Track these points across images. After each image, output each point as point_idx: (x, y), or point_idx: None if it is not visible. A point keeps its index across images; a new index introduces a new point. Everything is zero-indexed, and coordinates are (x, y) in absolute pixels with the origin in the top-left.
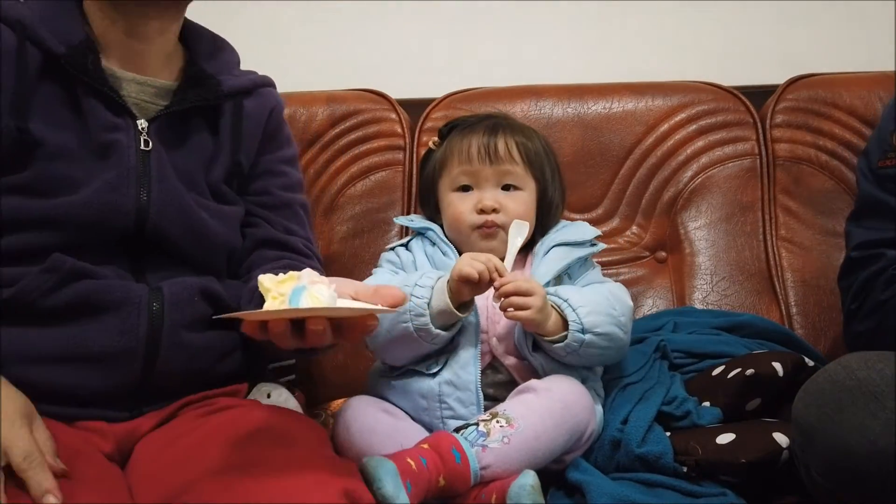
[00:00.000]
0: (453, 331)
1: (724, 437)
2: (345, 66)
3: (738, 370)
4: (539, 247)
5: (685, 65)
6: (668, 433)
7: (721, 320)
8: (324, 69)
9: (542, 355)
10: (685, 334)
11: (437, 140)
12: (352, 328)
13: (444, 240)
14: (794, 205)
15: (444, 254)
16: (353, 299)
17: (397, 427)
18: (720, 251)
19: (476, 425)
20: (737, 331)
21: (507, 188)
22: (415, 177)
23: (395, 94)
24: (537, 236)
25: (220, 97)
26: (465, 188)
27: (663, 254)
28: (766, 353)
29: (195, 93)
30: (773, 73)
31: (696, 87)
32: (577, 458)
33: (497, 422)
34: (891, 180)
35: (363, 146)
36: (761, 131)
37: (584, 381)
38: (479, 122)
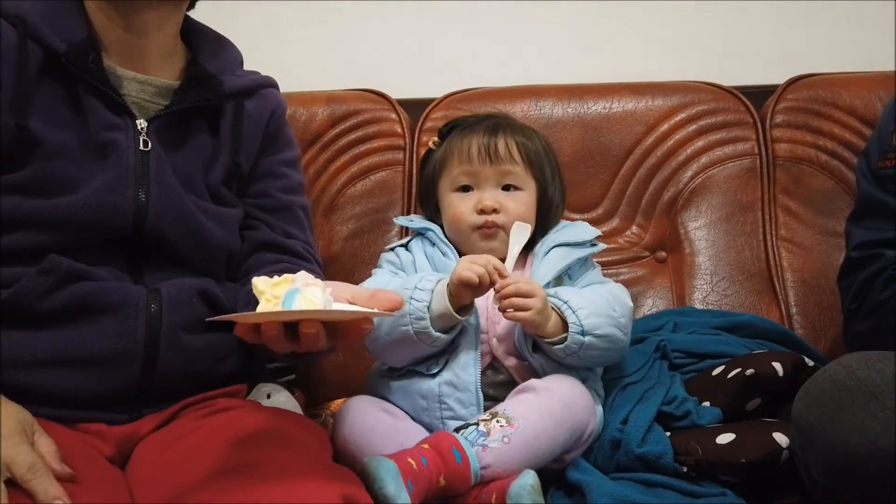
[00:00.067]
0: (453, 333)
1: (724, 437)
2: (345, 66)
3: (738, 370)
4: (539, 247)
5: (685, 65)
6: (668, 433)
7: (721, 320)
8: (324, 69)
9: (541, 356)
10: (685, 334)
11: (437, 140)
12: (346, 332)
13: (444, 240)
14: (794, 205)
15: (443, 254)
16: (350, 303)
17: (397, 427)
18: (720, 251)
19: (476, 425)
20: (737, 331)
21: (507, 188)
22: (415, 177)
23: (395, 94)
24: (537, 236)
25: (221, 97)
26: (465, 188)
27: (663, 254)
28: (766, 353)
29: (196, 93)
30: (773, 73)
31: (696, 87)
32: (577, 457)
33: (497, 421)
34: (891, 180)
35: (363, 146)
36: (761, 131)
37: (584, 380)
38: (479, 122)
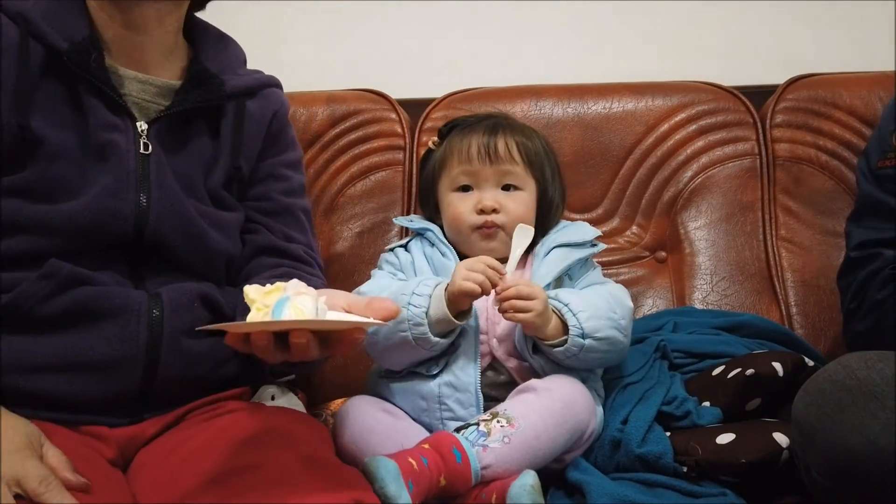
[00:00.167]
0: (452, 337)
1: (724, 437)
2: (345, 66)
3: (738, 370)
4: (539, 248)
5: (685, 65)
6: (668, 433)
7: (721, 320)
8: (324, 69)
9: (542, 357)
10: (685, 334)
11: (436, 140)
12: (339, 341)
13: (443, 240)
14: (794, 205)
15: (442, 254)
16: (346, 311)
17: (397, 427)
18: (720, 251)
19: (477, 425)
20: (737, 331)
21: (507, 188)
22: (415, 177)
23: (395, 94)
24: (537, 237)
25: (222, 98)
26: (464, 188)
27: (663, 254)
28: (766, 353)
29: (197, 93)
30: (773, 73)
31: (696, 87)
32: (577, 457)
33: (497, 421)
34: (890, 180)
35: (363, 146)
36: (761, 131)
37: (585, 381)
38: (478, 122)
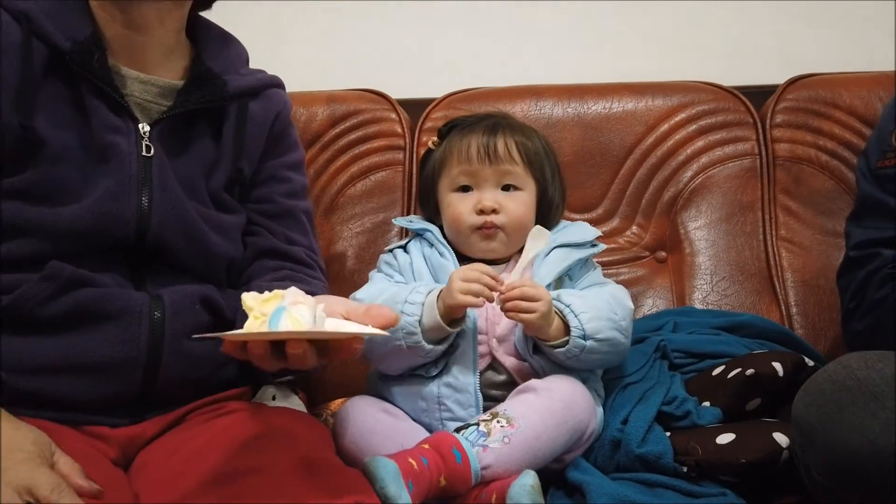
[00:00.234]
0: (446, 343)
1: (724, 437)
2: (345, 66)
3: (738, 370)
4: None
5: (685, 65)
6: (668, 433)
7: (721, 320)
8: (324, 69)
9: (542, 357)
10: (685, 334)
11: (436, 140)
12: (336, 350)
13: (442, 241)
14: (794, 205)
15: (441, 255)
16: (345, 318)
17: (397, 427)
18: (720, 251)
19: (477, 425)
20: (737, 331)
21: (506, 188)
22: (415, 177)
23: (395, 94)
24: None
25: (224, 98)
26: (464, 188)
27: (663, 254)
28: (766, 353)
29: (200, 94)
30: (773, 73)
31: (696, 87)
32: (577, 457)
33: (497, 422)
34: (890, 180)
35: (363, 146)
36: (761, 131)
37: (585, 381)
38: (478, 122)
